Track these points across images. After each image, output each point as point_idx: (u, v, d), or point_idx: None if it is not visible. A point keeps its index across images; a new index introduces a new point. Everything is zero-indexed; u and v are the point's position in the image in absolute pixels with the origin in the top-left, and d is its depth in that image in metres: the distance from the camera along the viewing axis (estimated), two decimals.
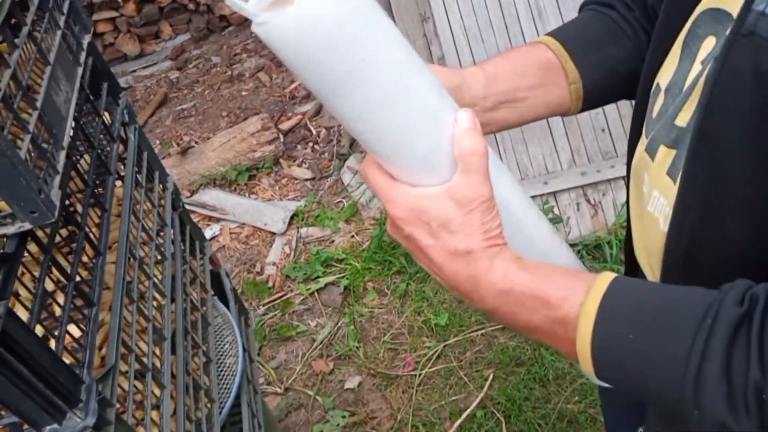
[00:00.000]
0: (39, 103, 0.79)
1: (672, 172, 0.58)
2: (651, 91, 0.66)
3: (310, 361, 2.25)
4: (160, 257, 1.18)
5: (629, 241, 0.73)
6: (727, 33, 0.51)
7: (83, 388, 0.74)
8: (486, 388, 2.01)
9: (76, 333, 0.83)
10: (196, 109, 3.73)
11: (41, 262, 0.81)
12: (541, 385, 1.99)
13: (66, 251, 0.98)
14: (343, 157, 3.03)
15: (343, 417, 2.04)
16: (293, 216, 2.82)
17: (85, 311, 0.87)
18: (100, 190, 1.07)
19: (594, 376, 0.54)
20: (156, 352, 1.03)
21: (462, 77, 0.72)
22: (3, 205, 0.71)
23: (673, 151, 0.58)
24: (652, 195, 0.62)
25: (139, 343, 0.98)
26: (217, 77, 3.95)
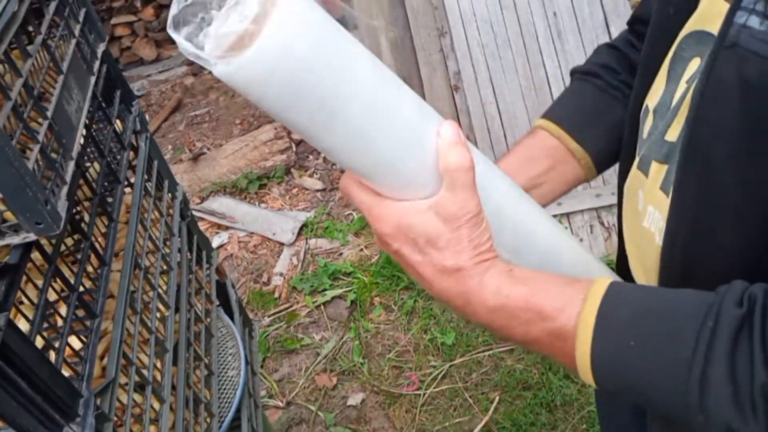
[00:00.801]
0: (50, 113, 0.79)
1: (665, 186, 0.59)
2: (640, 115, 0.67)
3: (313, 375, 2.22)
4: (165, 267, 1.17)
5: (621, 265, 0.74)
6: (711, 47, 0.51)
7: (81, 402, 0.74)
8: (491, 412, 1.98)
9: (76, 345, 0.82)
10: (210, 115, 3.74)
11: (44, 273, 0.80)
12: (548, 410, 1.96)
13: (71, 260, 0.97)
14: None
15: None
16: (302, 227, 2.81)
17: (87, 322, 0.86)
18: (109, 198, 1.06)
19: (594, 385, 0.53)
20: (157, 365, 1.02)
21: None
22: (8, 215, 0.71)
23: (665, 166, 0.59)
24: (647, 210, 0.62)
25: (141, 355, 0.97)
26: None
